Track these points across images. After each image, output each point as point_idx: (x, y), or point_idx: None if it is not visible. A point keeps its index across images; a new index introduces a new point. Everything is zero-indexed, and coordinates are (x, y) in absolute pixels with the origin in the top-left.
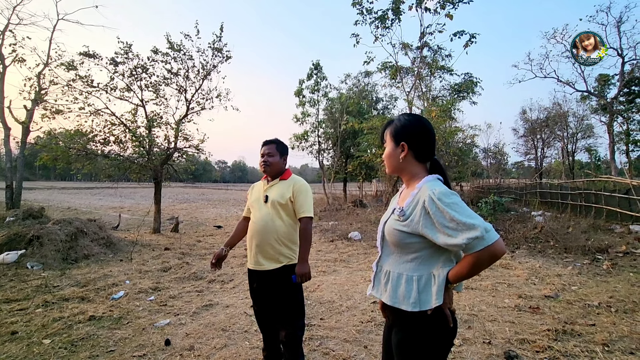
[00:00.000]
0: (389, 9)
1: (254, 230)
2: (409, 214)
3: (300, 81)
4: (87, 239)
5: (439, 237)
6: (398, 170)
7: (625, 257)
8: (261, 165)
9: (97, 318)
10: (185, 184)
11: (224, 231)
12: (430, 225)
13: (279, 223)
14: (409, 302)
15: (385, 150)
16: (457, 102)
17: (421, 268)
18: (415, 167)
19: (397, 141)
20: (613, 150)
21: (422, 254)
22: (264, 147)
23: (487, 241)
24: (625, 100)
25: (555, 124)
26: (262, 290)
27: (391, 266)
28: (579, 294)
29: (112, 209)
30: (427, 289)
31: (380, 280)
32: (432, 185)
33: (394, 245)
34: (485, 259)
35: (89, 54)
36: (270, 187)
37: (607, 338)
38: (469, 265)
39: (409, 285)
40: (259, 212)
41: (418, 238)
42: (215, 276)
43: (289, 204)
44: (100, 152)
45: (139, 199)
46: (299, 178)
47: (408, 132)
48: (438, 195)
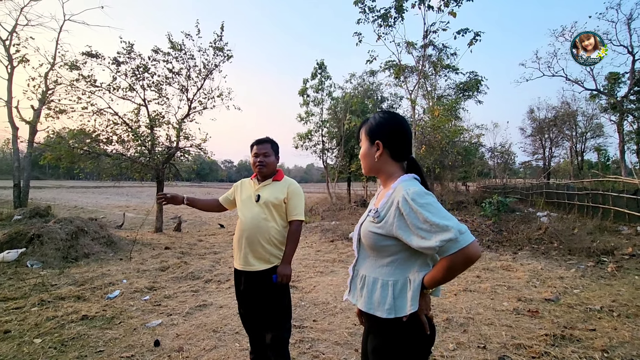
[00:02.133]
0: (391, 7)
1: (243, 230)
2: (383, 215)
3: (305, 80)
4: (87, 238)
5: (413, 239)
6: (374, 170)
7: (632, 259)
8: (256, 166)
9: (90, 317)
10: (192, 183)
11: (227, 230)
12: (404, 226)
13: (271, 224)
14: (384, 308)
15: (361, 149)
16: (462, 101)
17: (397, 272)
18: (391, 167)
19: (372, 140)
20: (623, 150)
21: (397, 257)
22: (258, 147)
23: (461, 243)
24: (636, 98)
25: (564, 123)
26: (250, 291)
27: (367, 270)
28: (581, 298)
29: (118, 207)
30: (402, 294)
31: (356, 285)
32: (407, 185)
33: (370, 248)
34: (460, 262)
35: (92, 54)
36: (263, 187)
37: (607, 344)
38: (444, 269)
39: (384, 291)
40: (249, 211)
41: (393, 240)
42: (213, 276)
43: (282, 206)
44: (103, 151)
45: (145, 198)
46: (292, 180)
47: (383, 131)
48: (412, 196)
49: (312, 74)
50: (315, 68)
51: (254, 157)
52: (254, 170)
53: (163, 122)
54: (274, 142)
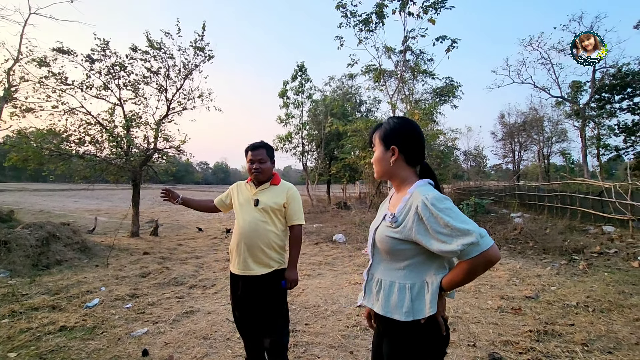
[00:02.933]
0: (372, 13)
1: (242, 234)
2: (402, 220)
3: (285, 82)
4: (59, 244)
5: (433, 243)
6: (388, 175)
7: (600, 257)
8: (252, 172)
9: (69, 328)
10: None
11: (206, 234)
12: (423, 231)
13: (271, 228)
14: (401, 311)
15: (374, 154)
16: (439, 105)
17: (413, 275)
18: (406, 171)
19: (387, 145)
20: (585, 154)
21: (414, 261)
22: (253, 153)
23: (482, 247)
24: (597, 106)
25: (532, 128)
26: (249, 296)
27: (383, 274)
28: (558, 294)
29: (88, 211)
30: (420, 297)
31: (371, 289)
32: (425, 190)
33: (386, 252)
34: (481, 265)
35: (63, 50)
36: (261, 191)
37: (586, 338)
38: (464, 272)
39: (402, 294)
40: (248, 215)
41: (410, 245)
42: (197, 281)
43: (282, 210)
44: (74, 152)
45: (117, 201)
46: (290, 184)
47: (398, 136)
48: (431, 201)
49: (292, 76)
50: (296, 70)
51: (249, 164)
52: (250, 176)
53: (140, 122)
54: (268, 147)
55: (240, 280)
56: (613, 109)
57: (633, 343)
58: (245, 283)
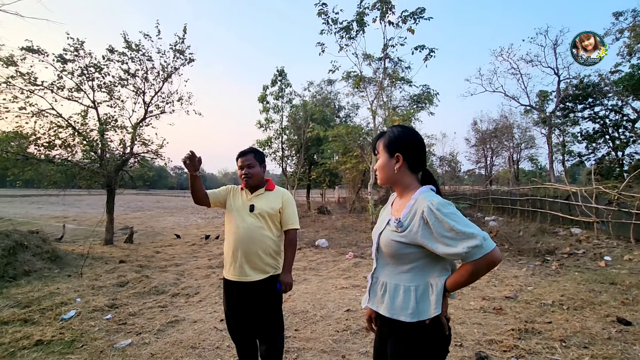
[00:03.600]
0: (353, 21)
1: (238, 241)
2: (407, 225)
3: (265, 87)
4: (28, 253)
5: (438, 246)
6: (391, 181)
7: (570, 257)
8: (242, 178)
9: (46, 342)
10: (138, 191)
11: (184, 241)
12: (428, 235)
13: (267, 233)
14: (407, 312)
15: (378, 161)
16: (416, 112)
17: (418, 278)
18: (408, 178)
19: (392, 152)
20: (552, 160)
21: (418, 264)
22: (242, 159)
23: (486, 249)
24: (562, 114)
25: (503, 134)
26: (244, 302)
27: (387, 277)
28: (535, 294)
29: (54, 218)
30: (424, 298)
31: (376, 292)
32: (429, 196)
33: (390, 256)
34: (484, 267)
35: (33, 49)
36: (256, 197)
37: (564, 334)
38: (468, 274)
39: (407, 296)
40: (243, 222)
41: (415, 248)
42: (180, 289)
43: (278, 215)
44: (44, 156)
45: (85, 207)
46: (284, 190)
47: (402, 144)
48: (437, 206)
49: (272, 80)
50: (276, 75)
51: (239, 170)
52: (242, 182)
53: (116, 126)
54: (257, 152)
55: (234, 287)
56: (576, 117)
57: (606, 338)
58: (240, 289)
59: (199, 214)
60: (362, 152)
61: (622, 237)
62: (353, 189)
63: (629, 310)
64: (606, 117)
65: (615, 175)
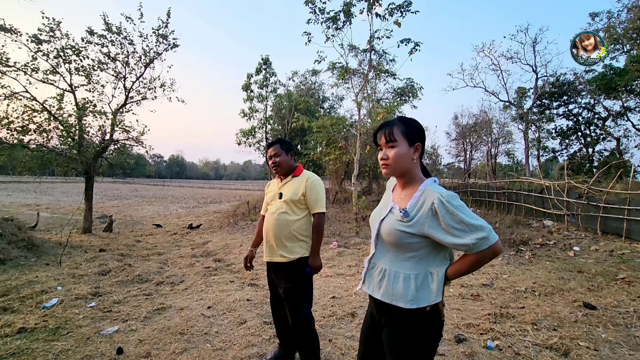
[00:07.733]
0: (340, 11)
1: (268, 225)
2: (414, 215)
3: (249, 75)
4: (2, 241)
5: (446, 237)
6: (405, 171)
7: (542, 248)
8: (272, 167)
9: (29, 330)
10: (115, 179)
11: (165, 230)
12: (436, 226)
13: (292, 218)
14: (406, 299)
15: (394, 149)
16: (400, 105)
17: (418, 266)
18: (417, 169)
19: (412, 141)
20: (527, 155)
21: (419, 253)
22: (269, 150)
23: (491, 240)
24: (538, 111)
25: (482, 129)
26: (277, 280)
27: (387, 264)
28: (509, 282)
29: (27, 206)
30: (424, 286)
31: (373, 277)
32: (437, 188)
33: (392, 244)
34: (488, 257)
35: (4, 28)
36: (284, 184)
37: (535, 318)
38: (472, 263)
39: (407, 283)
40: (273, 207)
41: (419, 238)
42: (164, 278)
43: (302, 200)
44: (17, 141)
45: (59, 195)
46: (311, 174)
47: (420, 134)
48: (447, 198)
49: (256, 69)
50: (260, 63)
51: (269, 160)
52: (272, 172)
53: (95, 111)
54: (283, 141)
55: (270, 266)
56: (551, 114)
57: (573, 321)
58: (273, 268)
59: (179, 203)
60: (346, 143)
61: (589, 229)
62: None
63: (594, 296)
64: (579, 115)
65: (585, 170)
